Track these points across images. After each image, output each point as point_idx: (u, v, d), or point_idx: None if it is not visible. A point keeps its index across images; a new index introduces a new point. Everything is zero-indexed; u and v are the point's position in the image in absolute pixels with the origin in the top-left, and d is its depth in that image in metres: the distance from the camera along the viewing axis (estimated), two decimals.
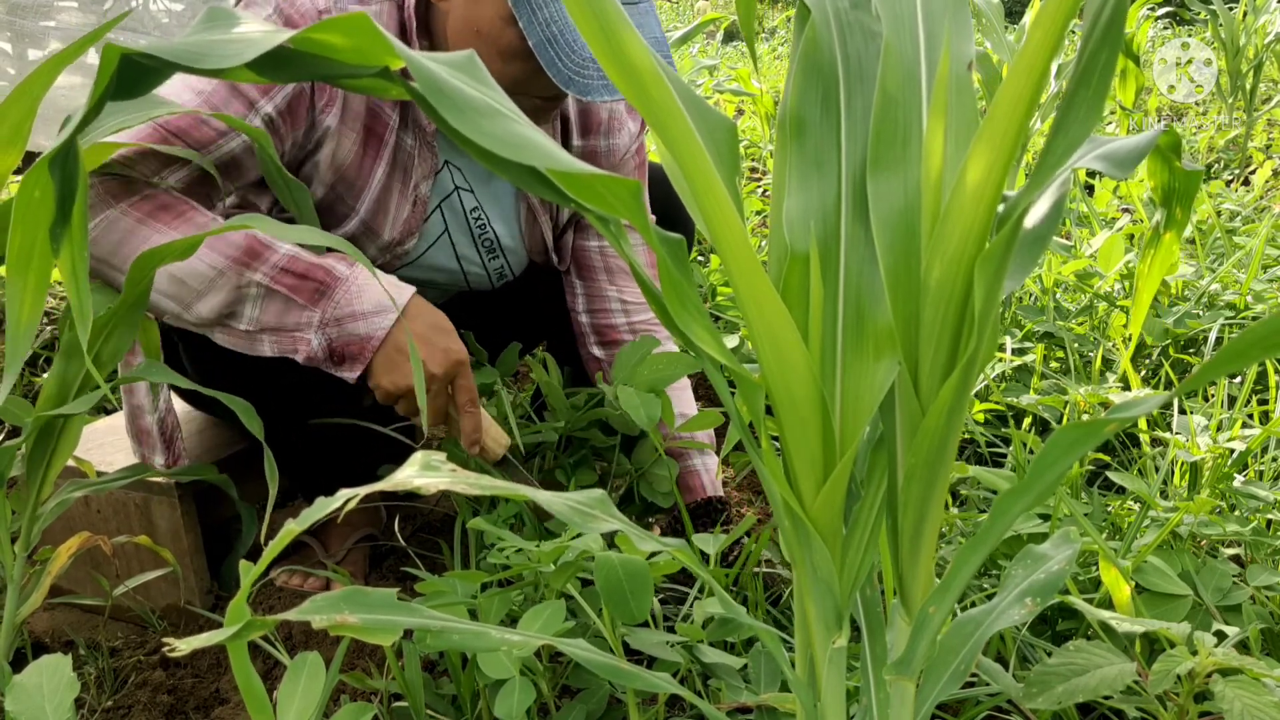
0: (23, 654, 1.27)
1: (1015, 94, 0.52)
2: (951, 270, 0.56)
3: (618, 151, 1.45)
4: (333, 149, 1.24)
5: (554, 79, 1.10)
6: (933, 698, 0.66)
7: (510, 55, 1.15)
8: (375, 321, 1.14)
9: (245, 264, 1.12)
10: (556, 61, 1.10)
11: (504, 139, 0.51)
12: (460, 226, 1.42)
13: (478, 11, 1.15)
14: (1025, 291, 2.22)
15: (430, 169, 1.33)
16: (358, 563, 1.45)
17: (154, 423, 1.31)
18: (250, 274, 1.12)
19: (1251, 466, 1.45)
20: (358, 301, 1.14)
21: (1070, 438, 0.53)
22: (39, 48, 2.85)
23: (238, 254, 1.12)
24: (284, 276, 1.13)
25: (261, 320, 1.14)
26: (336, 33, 0.52)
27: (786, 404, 0.60)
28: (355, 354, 1.15)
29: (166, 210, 1.12)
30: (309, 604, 0.61)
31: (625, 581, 0.91)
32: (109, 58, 0.54)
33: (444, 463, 0.62)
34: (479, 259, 1.45)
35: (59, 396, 1.04)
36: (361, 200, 1.29)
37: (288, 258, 1.13)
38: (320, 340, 1.14)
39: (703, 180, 0.54)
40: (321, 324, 1.14)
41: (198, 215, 1.13)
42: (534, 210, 1.45)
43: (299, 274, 1.13)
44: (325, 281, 1.14)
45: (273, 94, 1.17)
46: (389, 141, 1.28)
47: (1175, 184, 0.84)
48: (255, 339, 1.15)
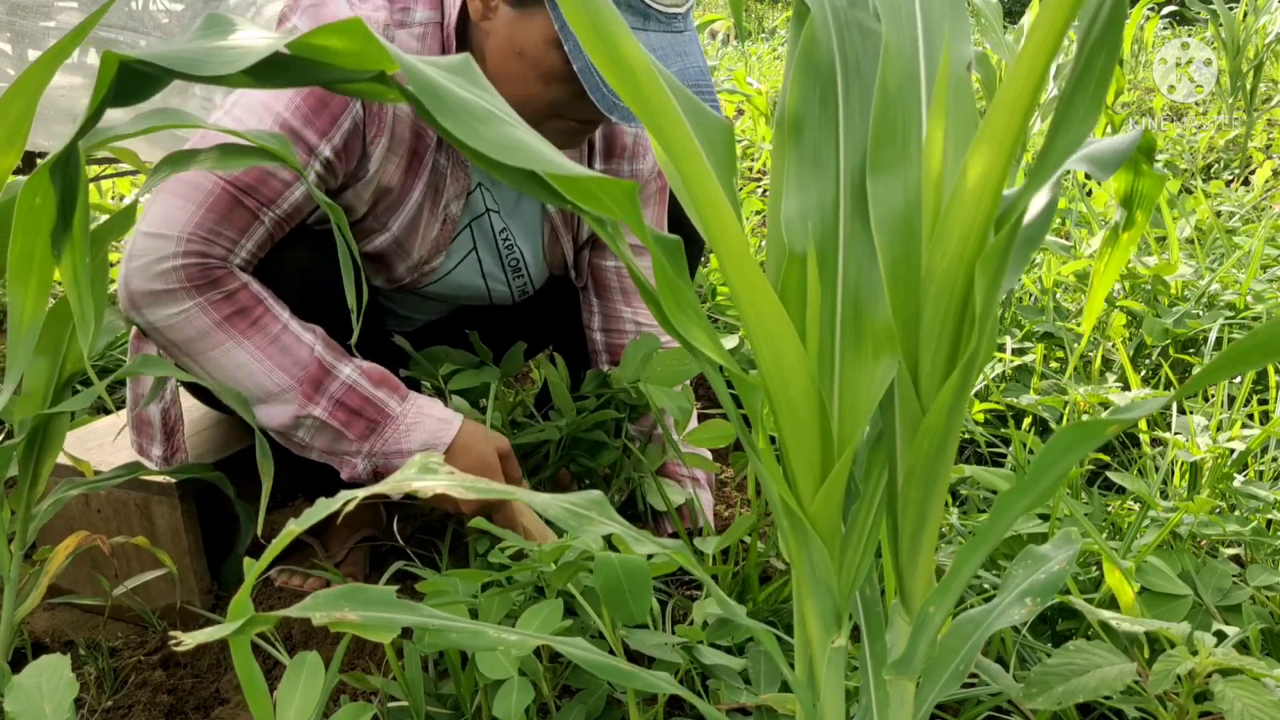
0: (22, 654, 1.27)
1: (1016, 93, 0.52)
2: (952, 269, 0.56)
3: (640, 176, 1.45)
4: (378, 176, 1.25)
5: (598, 104, 1.10)
6: (932, 698, 0.66)
7: (552, 78, 1.14)
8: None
9: (308, 396, 1.17)
10: (601, 87, 1.10)
11: (499, 143, 0.51)
12: (488, 246, 1.42)
13: (522, 33, 1.14)
14: (1025, 291, 2.22)
15: (462, 189, 1.33)
16: (358, 563, 1.45)
17: (156, 414, 1.31)
18: (310, 407, 1.18)
19: (1251, 466, 1.45)
20: (405, 440, 1.20)
21: (1071, 438, 0.53)
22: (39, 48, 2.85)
23: (303, 381, 1.17)
24: (340, 411, 1.19)
25: (313, 444, 1.21)
26: (334, 38, 0.52)
27: (784, 404, 0.60)
28: None
29: (243, 316, 1.15)
30: (309, 600, 0.61)
31: (625, 581, 0.91)
32: (108, 65, 0.54)
33: (441, 465, 0.63)
34: (504, 278, 1.46)
35: (44, 394, 1.04)
36: (396, 218, 1.30)
37: (346, 388, 1.19)
38: (366, 466, 1.22)
39: (699, 182, 0.54)
40: (369, 455, 1.21)
41: (271, 322, 1.16)
42: (557, 230, 1.45)
43: (354, 409, 1.19)
44: (376, 420, 1.20)
45: (330, 135, 1.17)
46: (428, 162, 1.28)
47: (1140, 187, 0.85)
48: (305, 451, 1.23)
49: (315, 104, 1.16)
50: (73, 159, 0.58)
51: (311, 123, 1.16)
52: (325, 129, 1.16)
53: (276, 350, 1.16)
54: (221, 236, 1.14)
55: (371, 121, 1.20)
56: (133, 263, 1.13)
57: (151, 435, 1.32)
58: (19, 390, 1.02)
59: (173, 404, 1.32)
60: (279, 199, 1.17)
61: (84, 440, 1.48)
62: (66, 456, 1.15)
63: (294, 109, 1.15)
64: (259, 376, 1.16)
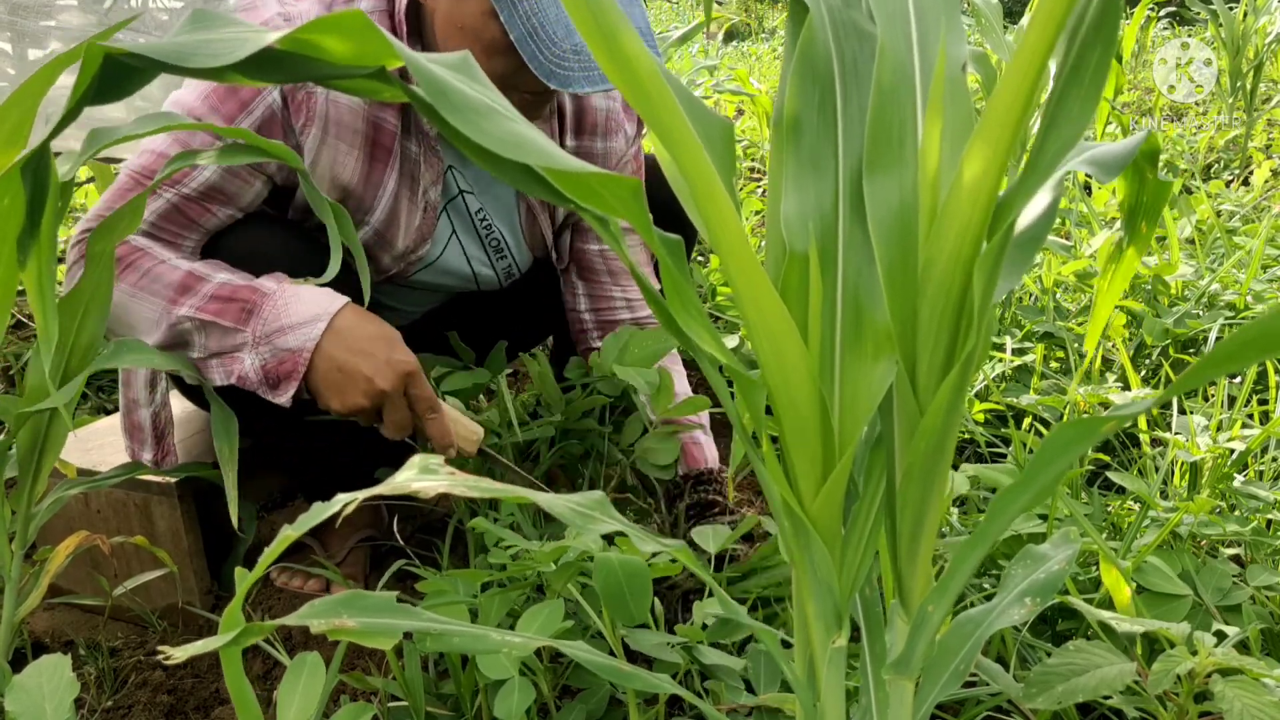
0: (22, 654, 1.27)
1: (1012, 93, 0.52)
2: (949, 269, 0.56)
3: (614, 154, 1.45)
4: (328, 168, 1.23)
5: (535, 72, 1.10)
6: (932, 698, 0.66)
7: (494, 50, 1.14)
8: (304, 332, 1.10)
9: (174, 300, 1.13)
10: (538, 55, 1.10)
11: (502, 138, 0.50)
12: (467, 229, 1.42)
13: (460, 8, 1.15)
14: (1025, 291, 2.22)
15: (437, 174, 1.33)
16: (358, 563, 1.45)
17: (147, 417, 1.31)
18: (176, 309, 1.12)
19: (1251, 466, 1.45)
20: (285, 315, 1.10)
21: (1068, 436, 0.53)
22: (39, 47, 2.85)
23: (169, 293, 1.13)
24: (211, 304, 1.12)
25: (208, 349, 1.14)
26: (331, 33, 0.51)
27: (786, 404, 0.60)
28: (289, 372, 1.10)
29: (119, 264, 1.14)
30: (307, 608, 0.61)
31: (624, 582, 0.91)
32: (92, 57, 0.52)
33: (442, 465, 0.62)
34: (488, 260, 1.46)
35: (41, 389, 1.04)
36: (373, 212, 1.29)
37: (218, 285, 1.13)
38: (254, 361, 1.11)
39: (702, 181, 0.54)
40: (254, 343, 1.11)
41: (146, 259, 1.15)
42: (533, 210, 1.45)
43: (225, 298, 1.12)
44: (251, 300, 1.12)
45: (237, 120, 1.16)
46: (395, 151, 1.27)
47: (1144, 197, 0.82)
48: (206, 366, 1.15)
49: (224, 91, 1.16)
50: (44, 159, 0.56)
51: (218, 110, 1.16)
52: (232, 114, 1.16)
53: (149, 280, 1.14)
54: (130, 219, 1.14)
55: (297, 111, 1.18)
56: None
57: (143, 440, 1.32)
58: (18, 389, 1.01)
59: (163, 407, 1.32)
60: (183, 179, 1.17)
61: (84, 440, 1.48)
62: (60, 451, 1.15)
63: (203, 98, 1.16)
64: (135, 307, 1.14)
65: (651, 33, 1.16)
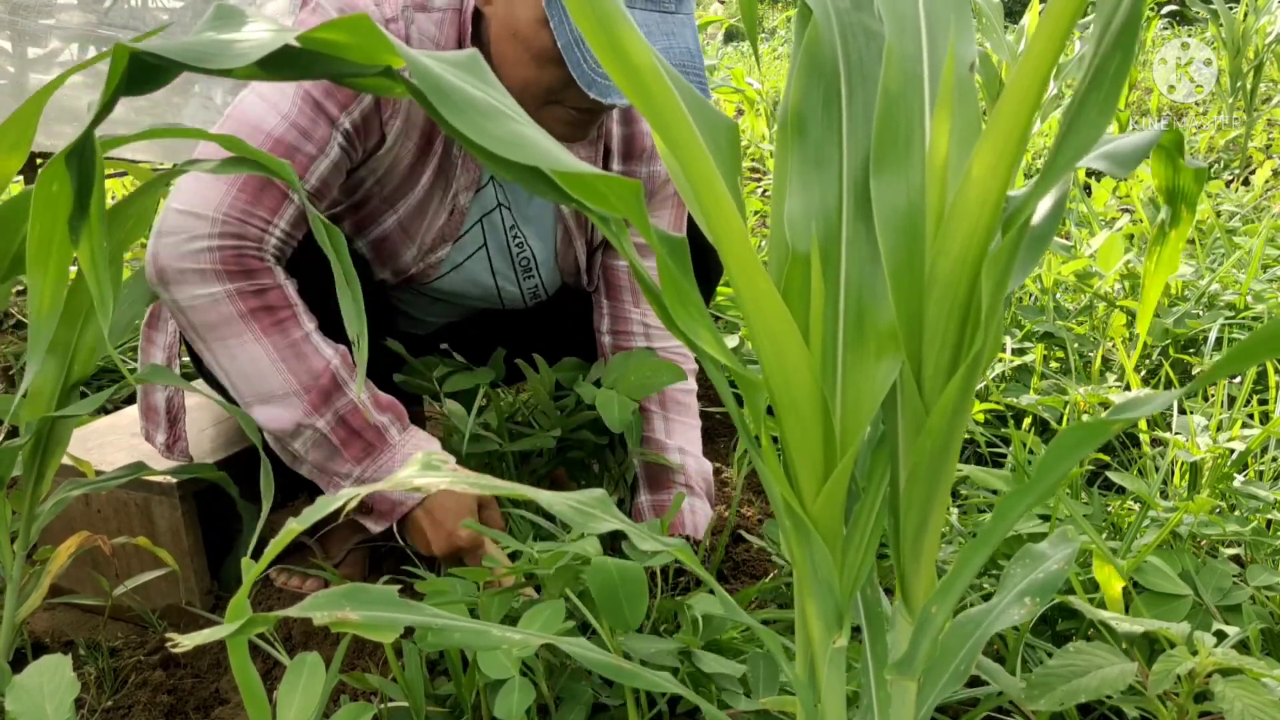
0: (23, 654, 1.27)
1: (1021, 94, 0.52)
2: (957, 268, 0.56)
3: (657, 178, 1.44)
4: (392, 155, 1.26)
5: (577, 80, 1.09)
6: (933, 698, 0.66)
7: (545, 60, 1.14)
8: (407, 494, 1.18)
9: (315, 406, 1.17)
10: (582, 63, 1.09)
11: (505, 138, 0.50)
12: (498, 243, 1.42)
13: (514, 13, 1.15)
14: (1025, 291, 2.22)
15: (472, 180, 1.33)
16: (357, 564, 1.45)
17: (162, 401, 1.33)
18: (315, 418, 1.17)
19: (1251, 466, 1.45)
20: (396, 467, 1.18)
21: (1075, 438, 0.53)
22: (39, 46, 2.85)
23: (312, 390, 1.17)
24: (341, 428, 1.19)
25: (307, 457, 1.21)
26: (341, 32, 0.52)
27: (787, 404, 0.60)
28: (384, 513, 1.23)
29: (269, 313, 1.15)
30: (310, 601, 0.61)
31: (620, 587, 0.91)
32: (119, 57, 0.55)
33: (444, 463, 0.63)
34: (514, 277, 1.45)
35: (51, 393, 1.04)
36: (404, 202, 1.30)
37: (353, 407, 1.19)
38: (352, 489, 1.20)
39: (704, 180, 0.54)
40: (359, 479, 1.20)
41: (295, 328, 1.16)
42: (570, 232, 1.45)
43: (355, 429, 1.19)
44: (375, 445, 1.20)
45: (350, 108, 1.18)
46: (438, 149, 1.28)
47: (1180, 183, 0.83)
48: (296, 464, 1.23)
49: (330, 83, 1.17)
50: (89, 147, 0.59)
51: (333, 94, 1.17)
52: (346, 102, 1.18)
53: (293, 355, 1.16)
54: (254, 217, 1.14)
55: (388, 101, 1.21)
56: (163, 239, 1.12)
57: (157, 421, 1.33)
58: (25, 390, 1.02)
59: (177, 392, 1.34)
60: (306, 175, 1.17)
61: (85, 440, 1.48)
62: (68, 457, 1.15)
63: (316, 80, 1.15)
64: (269, 375, 1.16)
65: (700, 54, 1.14)
